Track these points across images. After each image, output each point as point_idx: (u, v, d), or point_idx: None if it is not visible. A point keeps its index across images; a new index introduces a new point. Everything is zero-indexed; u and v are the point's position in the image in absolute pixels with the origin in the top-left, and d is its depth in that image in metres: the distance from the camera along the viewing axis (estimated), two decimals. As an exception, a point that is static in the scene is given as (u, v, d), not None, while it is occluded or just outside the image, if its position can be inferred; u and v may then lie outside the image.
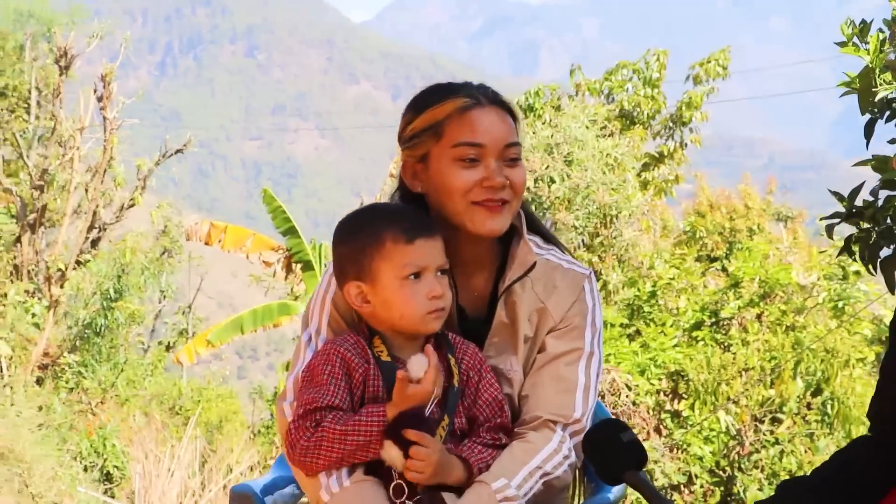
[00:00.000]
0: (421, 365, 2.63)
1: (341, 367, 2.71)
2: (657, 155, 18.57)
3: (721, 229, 17.82)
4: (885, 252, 4.24)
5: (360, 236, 2.75)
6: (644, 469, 2.39)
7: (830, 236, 4.28)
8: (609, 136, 15.52)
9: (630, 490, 2.50)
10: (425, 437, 2.60)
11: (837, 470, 2.49)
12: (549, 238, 2.98)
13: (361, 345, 2.75)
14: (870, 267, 4.25)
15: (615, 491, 2.90)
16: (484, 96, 2.82)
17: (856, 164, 4.29)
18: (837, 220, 4.31)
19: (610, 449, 2.40)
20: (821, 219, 4.24)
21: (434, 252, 2.72)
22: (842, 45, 4.26)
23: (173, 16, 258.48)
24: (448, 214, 2.79)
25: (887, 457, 2.45)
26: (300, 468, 2.70)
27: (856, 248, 4.33)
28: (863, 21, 4.26)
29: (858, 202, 4.30)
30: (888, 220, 4.24)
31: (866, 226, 4.29)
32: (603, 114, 16.24)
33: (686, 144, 18.76)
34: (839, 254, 4.39)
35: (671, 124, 18.66)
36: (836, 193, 4.36)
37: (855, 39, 4.28)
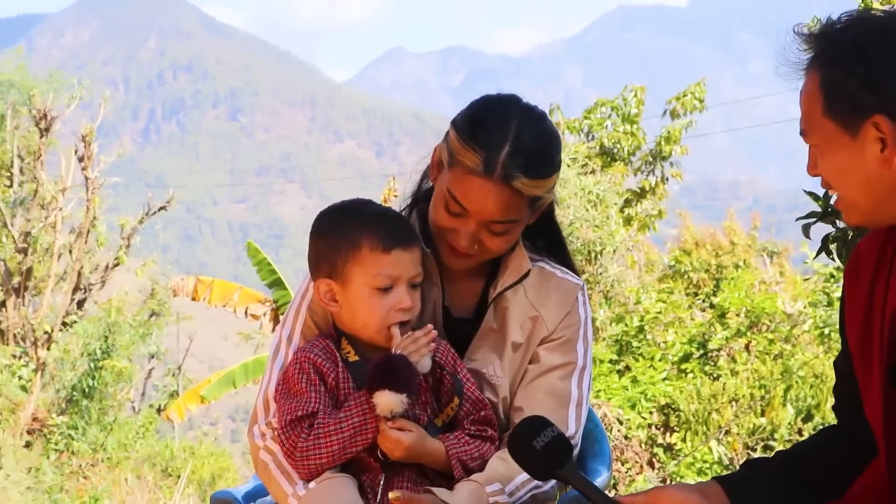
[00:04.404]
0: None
1: (316, 373, 2.66)
2: (639, 190, 18.61)
3: (707, 266, 17.81)
4: (862, 249, 4.21)
5: (338, 235, 2.69)
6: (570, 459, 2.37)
7: (807, 236, 4.25)
8: (590, 173, 15.56)
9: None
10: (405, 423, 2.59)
11: (802, 454, 2.47)
12: (552, 244, 2.94)
13: (330, 348, 2.70)
14: (848, 265, 4.22)
15: (598, 482, 2.85)
16: (503, 167, 2.61)
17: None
18: (813, 220, 4.28)
19: (531, 455, 2.37)
20: (797, 219, 4.21)
21: (409, 264, 2.67)
22: (807, 43, 4.24)
23: (155, 82, 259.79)
24: None
25: (852, 446, 2.44)
26: (302, 471, 2.62)
27: (833, 248, 4.30)
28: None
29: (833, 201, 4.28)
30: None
31: (842, 224, 4.26)
32: (583, 151, 16.28)
33: (667, 179, 18.81)
34: (817, 254, 4.37)
35: (651, 159, 18.72)
36: (811, 193, 4.33)
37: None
